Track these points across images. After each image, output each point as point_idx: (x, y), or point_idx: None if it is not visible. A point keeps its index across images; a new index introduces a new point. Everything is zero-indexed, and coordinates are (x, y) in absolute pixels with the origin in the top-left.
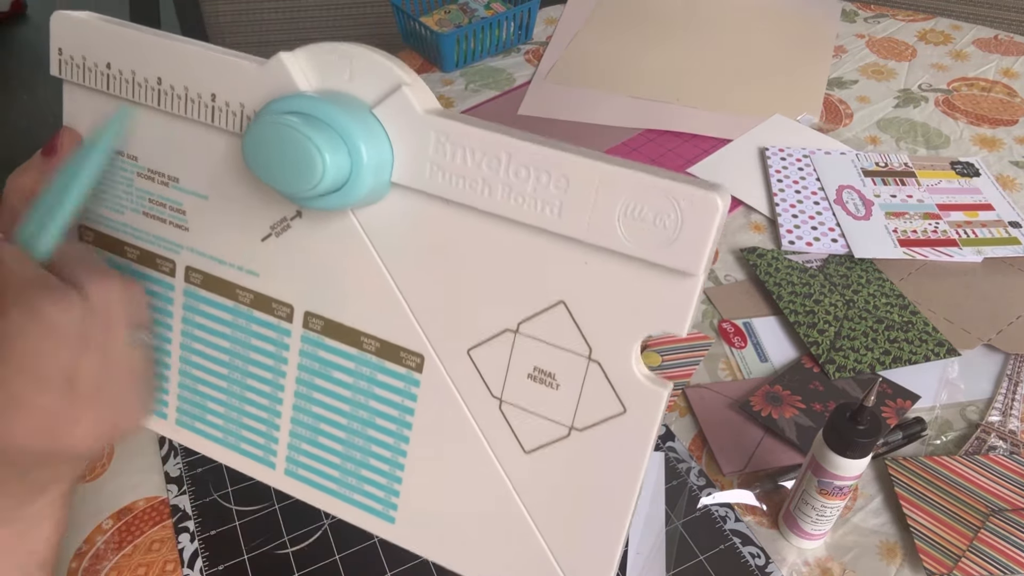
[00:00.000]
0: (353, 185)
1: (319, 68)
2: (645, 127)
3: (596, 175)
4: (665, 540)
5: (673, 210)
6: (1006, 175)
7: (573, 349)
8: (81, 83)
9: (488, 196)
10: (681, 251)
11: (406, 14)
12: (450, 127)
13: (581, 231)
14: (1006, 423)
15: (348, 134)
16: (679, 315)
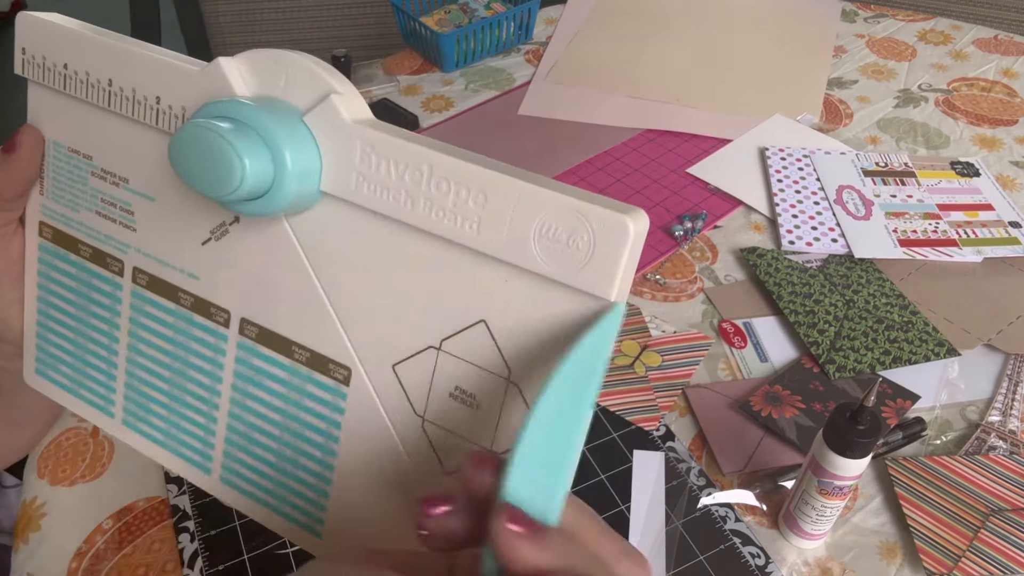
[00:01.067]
0: (277, 191)
1: (257, 73)
2: (645, 127)
3: (513, 193)
4: (665, 540)
5: (586, 231)
6: (1006, 175)
7: (493, 370)
8: (42, 82)
9: (411, 209)
10: (593, 274)
11: (406, 14)
12: (375, 137)
13: (498, 249)
14: (1006, 423)
15: (273, 140)
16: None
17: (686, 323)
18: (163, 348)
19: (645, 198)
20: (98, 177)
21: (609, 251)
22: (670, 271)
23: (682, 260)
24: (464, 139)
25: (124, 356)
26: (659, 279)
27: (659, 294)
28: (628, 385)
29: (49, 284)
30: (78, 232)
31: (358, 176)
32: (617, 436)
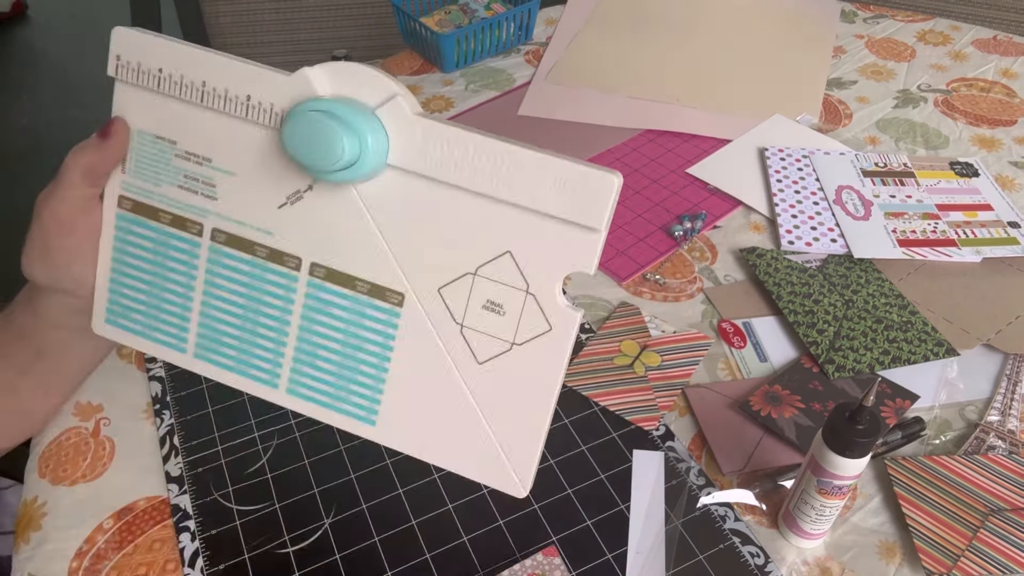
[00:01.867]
0: (361, 164)
1: (333, 80)
2: (645, 127)
3: (536, 161)
4: (664, 539)
5: (587, 186)
6: (1005, 175)
7: (515, 285)
8: (135, 83)
9: (458, 173)
10: (593, 213)
11: (406, 14)
12: (432, 126)
13: (526, 199)
14: (1005, 423)
15: (359, 127)
16: (589, 258)
17: (686, 323)
18: (237, 291)
19: (645, 198)
20: (182, 158)
21: (602, 197)
22: (670, 271)
23: (682, 260)
24: None
25: (199, 301)
26: (659, 279)
27: (659, 294)
28: (628, 385)
29: (126, 247)
30: (159, 203)
31: (418, 152)
32: (617, 436)
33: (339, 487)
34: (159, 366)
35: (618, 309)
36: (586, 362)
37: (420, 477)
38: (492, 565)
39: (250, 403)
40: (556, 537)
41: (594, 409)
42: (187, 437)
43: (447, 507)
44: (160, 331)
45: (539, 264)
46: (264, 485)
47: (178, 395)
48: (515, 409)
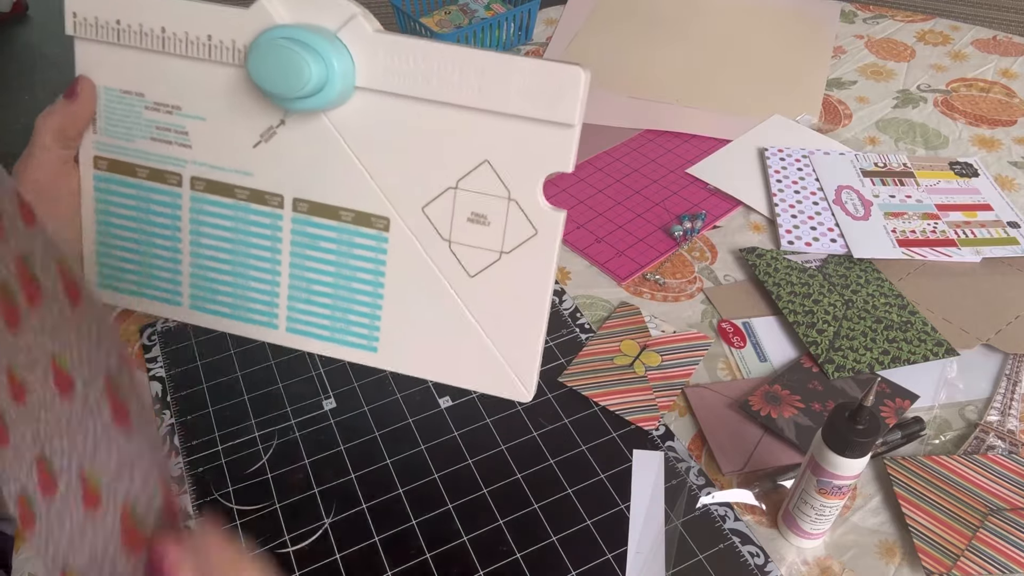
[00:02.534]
0: (329, 89)
1: (290, 8)
2: (645, 127)
3: (500, 63)
4: (664, 539)
5: (554, 82)
6: (1005, 175)
7: (497, 194)
8: (94, 38)
9: (426, 86)
10: (563, 108)
11: (406, 15)
12: (395, 40)
13: (495, 103)
14: (1004, 423)
15: (323, 50)
16: (565, 156)
17: (685, 323)
18: (224, 237)
19: (645, 198)
20: (151, 110)
21: (572, 91)
22: (670, 271)
23: (681, 260)
24: None
25: (188, 252)
26: (659, 279)
27: (659, 294)
28: (628, 385)
29: (108, 208)
30: (134, 158)
31: (384, 70)
32: (617, 436)
33: (339, 487)
34: (159, 366)
35: (618, 309)
36: (586, 362)
37: (420, 477)
38: (492, 565)
39: (250, 403)
40: (556, 537)
41: (594, 409)
42: (187, 437)
43: (447, 507)
44: (154, 287)
45: (517, 169)
46: (264, 485)
47: (178, 395)
48: (511, 316)
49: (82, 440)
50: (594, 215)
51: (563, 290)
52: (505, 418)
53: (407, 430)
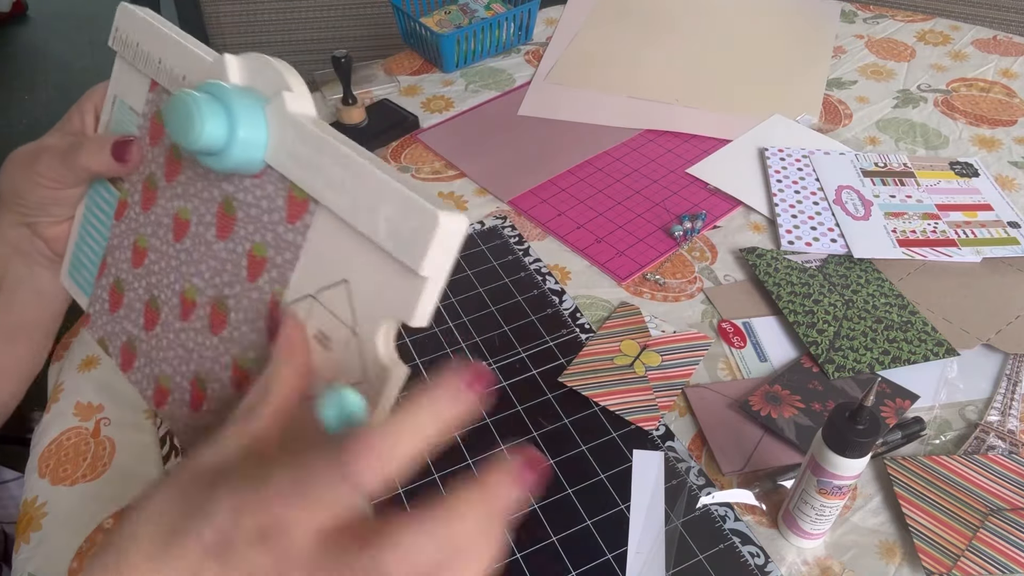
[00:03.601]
0: (227, 155)
1: (247, 69)
2: (645, 127)
3: (377, 186)
4: (664, 539)
5: (412, 222)
6: (1005, 175)
7: (345, 321)
8: (122, 55)
9: (318, 183)
10: (413, 253)
11: (406, 14)
12: (302, 127)
13: (366, 226)
14: (1005, 423)
15: (233, 114)
16: (411, 307)
17: (686, 323)
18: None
19: (645, 198)
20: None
21: (423, 235)
22: (670, 271)
23: (682, 260)
24: (464, 139)
25: None
26: (659, 279)
27: (659, 294)
28: (628, 385)
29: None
30: None
31: (287, 154)
32: (617, 436)
33: None
34: None
35: (618, 309)
36: (586, 362)
37: (420, 477)
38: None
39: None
40: (556, 537)
41: (594, 409)
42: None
43: None
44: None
45: (368, 303)
46: None
47: None
48: None
49: (185, 268)
50: (594, 215)
51: (563, 290)
52: (505, 418)
53: None
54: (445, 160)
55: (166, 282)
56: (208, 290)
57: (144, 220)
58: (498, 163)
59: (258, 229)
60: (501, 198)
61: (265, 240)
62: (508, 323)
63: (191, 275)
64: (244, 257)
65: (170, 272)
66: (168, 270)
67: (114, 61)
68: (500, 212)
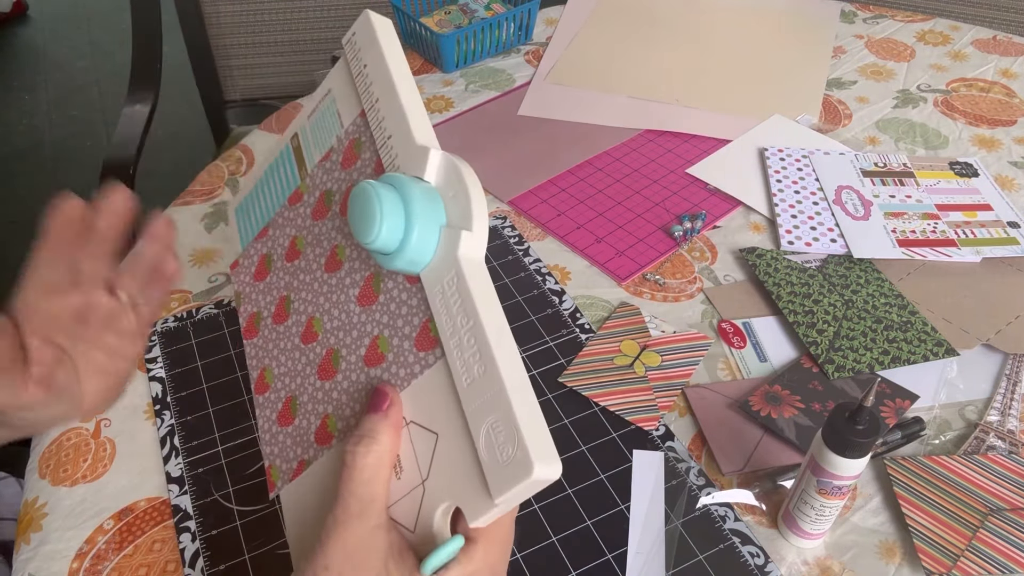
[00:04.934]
0: (393, 259)
1: (445, 175)
2: (645, 127)
3: (495, 384)
4: (664, 539)
5: (513, 448)
6: (1005, 175)
7: (421, 466)
8: (349, 62)
9: (448, 336)
10: (496, 480)
11: (406, 15)
12: (462, 279)
13: (469, 410)
14: (1004, 423)
15: (410, 230)
16: (474, 514)
17: (686, 323)
18: None
19: (645, 198)
20: (339, 141)
21: (514, 476)
22: (670, 271)
23: (681, 260)
24: (464, 139)
25: None
26: (659, 279)
27: (659, 294)
28: (628, 385)
29: (275, 169)
30: None
31: (440, 289)
32: (617, 436)
33: None
34: (159, 367)
35: (618, 309)
36: (586, 362)
37: None
38: None
39: (250, 403)
40: (556, 537)
41: (594, 409)
42: (187, 437)
43: None
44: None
45: (444, 472)
46: (264, 485)
47: (178, 395)
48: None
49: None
50: (594, 215)
51: (563, 290)
52: None
53: None
54: None
55: (304, 296)
56: (331, 336)
57: (310, 226)
58: (498, 163)
59: (390, 326)
60: (501, 198)
61: (391, 342)
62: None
63: (324, 311)
64: (369, 339)
65: (310, 292)
66: (309, 289)
67: (339, 57)
68: (500, 212)
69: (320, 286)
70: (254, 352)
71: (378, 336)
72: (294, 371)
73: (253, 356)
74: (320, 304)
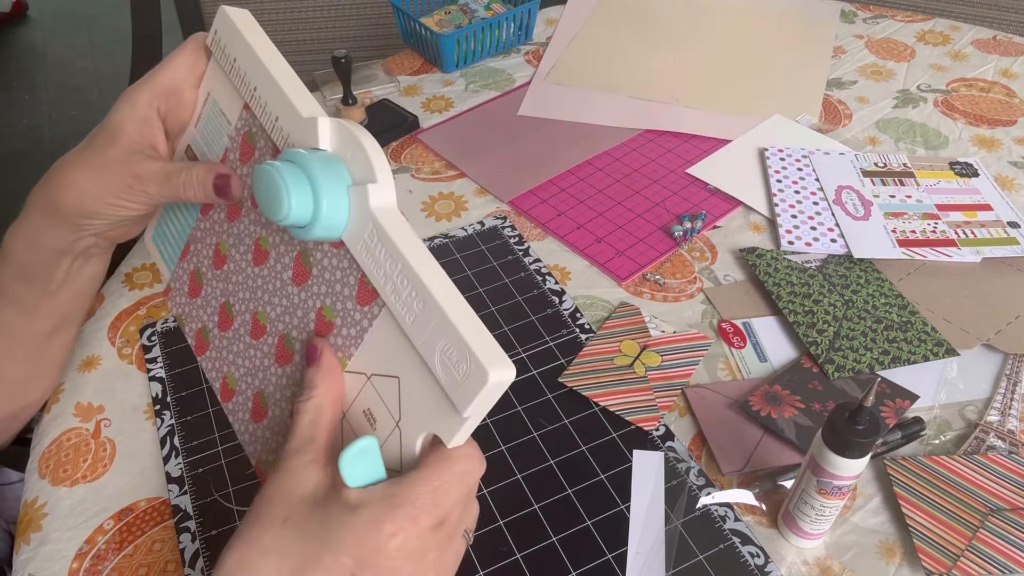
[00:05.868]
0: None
1: (338, 138)
2: (645, 127)
3: (439, 321)
4: (664, 540)
5: (464, 367)
6: (1005, 175)
7: (391, 412)
8: (218, 59)
9: (384, 284)
10: (460, 394)
11: (406, 14)
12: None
13: (419, 343)
14: (1005, 423)
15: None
16: (449, 434)
17: (685, 323)
18: None
19: (645, 198)
20: (230, 138)
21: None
22: (669, 271)
23: (681, 260)
24: (464, 139)
25: None
26: (659, 279)
27: (659, 294)
28: (628, 385)
29: None
30: None
31: (363, 246)
32: (617, 436)
33: None
34: (159, 367)
35: (618, 309)
36: (586, 362)
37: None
38: (492, 565)
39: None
40: (556, 537)
41: (594, 409)
42: (187, 438)
43: None
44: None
45: (414, 409)
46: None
47: (178, 395)
48: None
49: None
50: (594, 215)
51: (563, 290)
52: (505, 418)
53: None
54: (445, 160)
55: (242, 296)
56: (278, 324)
57: (228, 229)
58: (498, 163)
59: (329, 294)
60: (501, 198)
61: (335, 308)
62: (508, 323)
63: (264, 302)
64: (314, 312)
65: (246, 290)
66: (244, 287)
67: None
68: (500, 212)
69: (254, 281)
70: (210, 365)
71: (321, 307)
72: (254, 368)
73: (211, 369)
74: (260, 298)
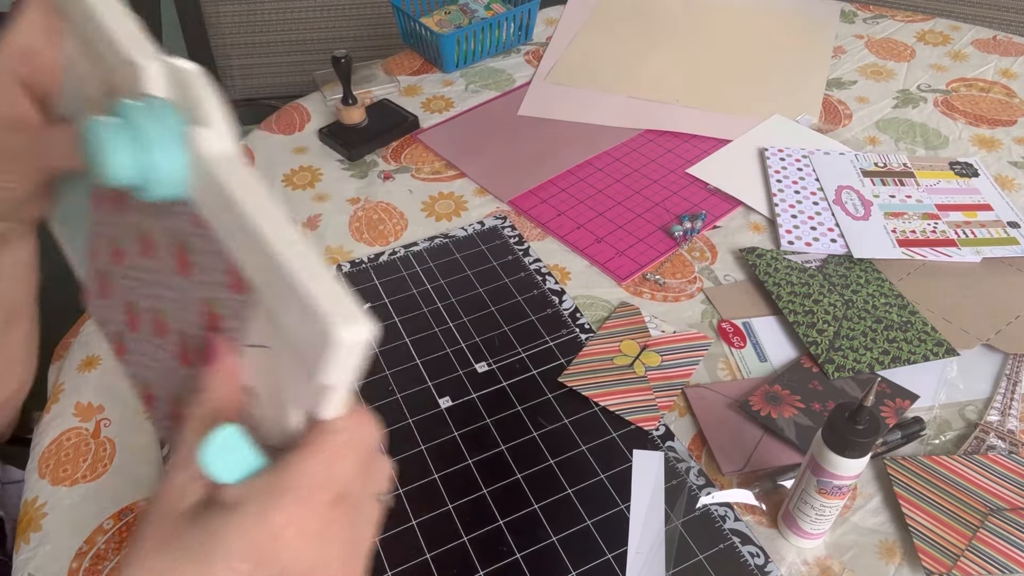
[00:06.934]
0: (146, 189)
1: (173, 82)
2: (645, 127)
3: (277, 270)
4: (664, 539)
5: (314, 324)
6: (1005, 175)
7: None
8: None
9: (231, 241)
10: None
11: (406, 15)
12: (212, 176)
13: (274, 307)
14: (1004, 422)
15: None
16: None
17: (686, 323)
18: None
19: (645, 198)
20: None
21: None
22: (670, 271)
23: (682, 260)
24: (464, 140)
25: None
26: (659, 279)
27: (659, 294)
28: (628, 385)
29: None
30: None
31: (205, 199)
32: (617, 436)
33: None
34: None
35: (618, 309)
36: (586, 362)
37: (420, 477)
38: (492, 565)
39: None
40: (556, 537)
41: (594, 409)
42: None
43: (447, 507)
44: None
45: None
46: None
47: None
48: None
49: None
50: (594, 215)
51: (563, 290)
52: (505, 418)
53: (407, 430)
54: (445, 160)
55: (142, 292)
56: (176, 322)
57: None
58: (498, 163)
59: (211, 286)
60: (501, 198)
61: (219, 299)
62: (508, 323)
63: (161, 297)
64: (203, 305)
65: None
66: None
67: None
68: (500, 212)
69: (148, 274)
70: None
71: (207, 300)
72: (165, 371)
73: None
74: (155, 292)
